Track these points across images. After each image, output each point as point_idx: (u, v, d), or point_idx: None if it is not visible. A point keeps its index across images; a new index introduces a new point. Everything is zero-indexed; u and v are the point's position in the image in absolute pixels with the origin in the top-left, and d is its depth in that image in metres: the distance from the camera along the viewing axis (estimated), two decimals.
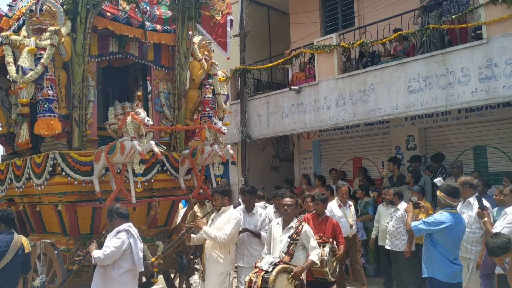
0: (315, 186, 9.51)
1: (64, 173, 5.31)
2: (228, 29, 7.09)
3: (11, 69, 5.26)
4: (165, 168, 6.18)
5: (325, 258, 5.14)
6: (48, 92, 5.22)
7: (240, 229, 5.67)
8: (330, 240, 5.54)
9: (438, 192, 4.79)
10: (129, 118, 5.13)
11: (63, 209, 5.45)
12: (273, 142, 12.08)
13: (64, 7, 5.51)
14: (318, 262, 4.88)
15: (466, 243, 5.37)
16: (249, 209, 6.07)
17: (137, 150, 4.95)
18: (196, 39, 6.91)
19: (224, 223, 5.21)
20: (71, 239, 5.56)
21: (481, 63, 6.93)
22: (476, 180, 6.92)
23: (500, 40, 6.78)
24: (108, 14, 5.91)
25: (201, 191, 6.44)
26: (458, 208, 5.51)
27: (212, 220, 5.45)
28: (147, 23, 6.28)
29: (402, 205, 6.84)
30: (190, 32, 6.63)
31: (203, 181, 6.46)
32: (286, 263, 4.77)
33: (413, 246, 6.73)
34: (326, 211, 6.08)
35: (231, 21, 7.36)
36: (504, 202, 5.31)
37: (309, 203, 6.54)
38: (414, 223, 4.77)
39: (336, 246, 5.56)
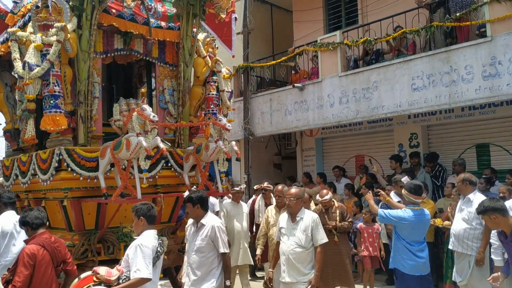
0: (317, 183, 9.54)
1: (69, 169, 5.33)
2: (233, 27, 7.10)
3: (18, 65, 5.29)
4: (169, 164, 6.20)
5: None
6: (54, 88, 5.24)
7: None
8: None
9: (402, 190, 5.13)
10: (134, 114, 5.14)
11: (68, 205, 5.48)
12: (275, 140, 12.10)
13: (70, 3, 5.52)
14: None
15: (466, 239, 5.43)
16: None
17: (143, 146, 4.96)
18: (201, 36, 6.93)
19: None
20: (76, 234, 5.58)
21: (485, 61, 6.95)
22: (488, 176, 7.00)
23: (504, 38, 6.80)
24: (113, 10, 5.93)
25: (205, 187, 6.48)
26: (458, 205, 5.62)
27: None
28: (152, 20, 6.29)
29: None
30: (194, 29, 6.65)
31: (207, 178, 6.49)
32: None
33: None
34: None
35: (235, 18, 7.38)
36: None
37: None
38: (381, 210, 5.16)
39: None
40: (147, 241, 3.92)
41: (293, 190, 5.01)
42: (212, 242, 4.54)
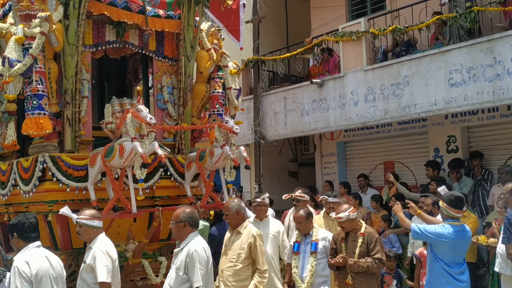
0: (340, 194, 9.48)
1: (55, 178, 5.37)
2: (241, 15, 7.11)
3: None
4: (169, 173, 6.21)
5: None
6: (38, 86, 5.29)
7: None
8: None
9: (440, 203, 5.06)
10: (129, 116, 5.16)
11: (53, 220, 5.50)
12: (291, 144, 12.10)
13: None
14: None
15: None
16: None
17: (138, 153, 4.97)
18: (204, 26, 6.96)
19: None
20: (62, 253, 5.59)
21: None
22: None
23: None
24: None
25: (210, 199, 6.47)
26: None
27: None
28: (149, 8, 6.33)
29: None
30: (197, 18, 6.67)
31: (212, 189, 6.48)
32: None
33: None
34: None
35: (244, 5, 7.39)
36: None
37: None
38: (415, 224, 5.05)
39: None
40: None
41: (177, 211, 4.38)
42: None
